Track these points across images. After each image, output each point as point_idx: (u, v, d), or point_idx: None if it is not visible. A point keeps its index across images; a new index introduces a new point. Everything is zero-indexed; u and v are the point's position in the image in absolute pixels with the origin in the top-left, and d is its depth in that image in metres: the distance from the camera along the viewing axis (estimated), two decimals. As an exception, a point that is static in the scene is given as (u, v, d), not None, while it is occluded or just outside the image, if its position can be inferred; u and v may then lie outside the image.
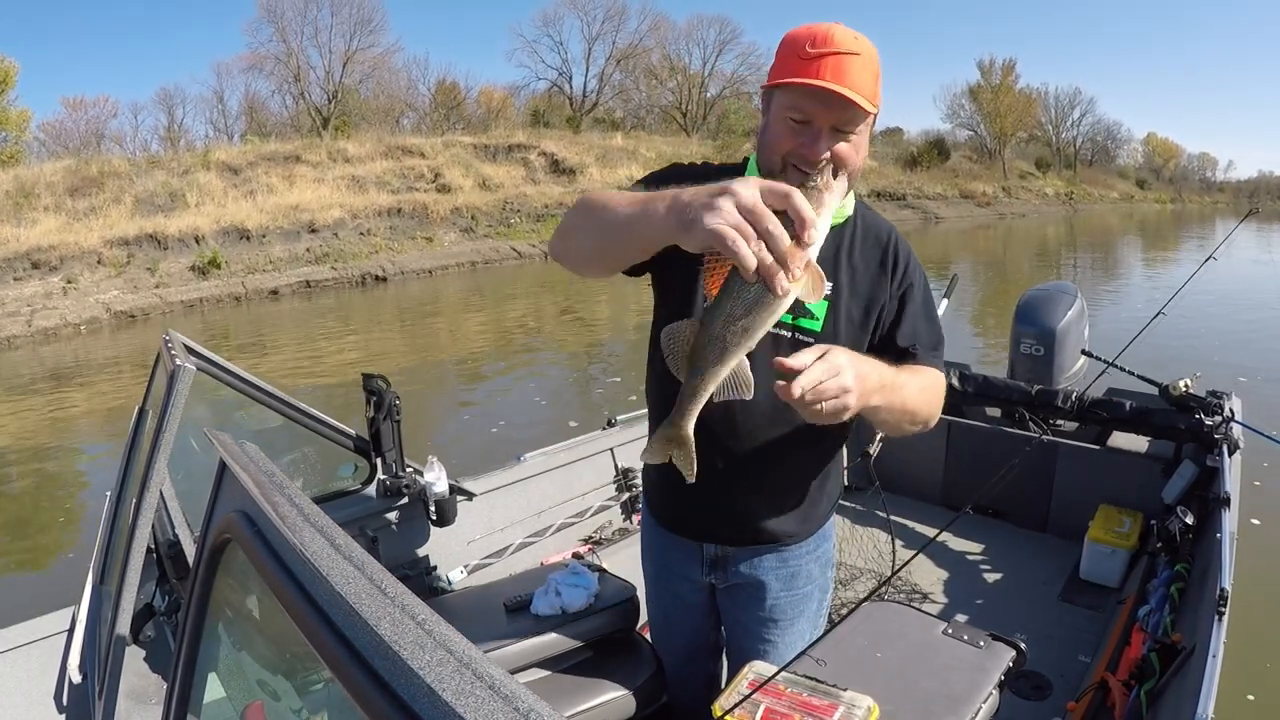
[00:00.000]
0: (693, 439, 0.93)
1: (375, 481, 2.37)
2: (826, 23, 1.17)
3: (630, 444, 3.01)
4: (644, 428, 2.87)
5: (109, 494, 2.16)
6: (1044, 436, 2.94)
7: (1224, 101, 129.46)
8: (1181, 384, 2.71)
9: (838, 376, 0.95)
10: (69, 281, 14.28)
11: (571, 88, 39.40)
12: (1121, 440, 2.95)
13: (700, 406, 0.88)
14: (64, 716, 1.81)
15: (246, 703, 1.00)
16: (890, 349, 1.30)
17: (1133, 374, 2.94)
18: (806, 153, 1.15)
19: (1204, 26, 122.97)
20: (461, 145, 25.66)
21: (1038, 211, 39.05)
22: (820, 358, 0.95)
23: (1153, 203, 53.74)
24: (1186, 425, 2.66)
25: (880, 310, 1.31)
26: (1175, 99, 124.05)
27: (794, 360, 0.93)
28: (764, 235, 0.75)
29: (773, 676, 1.41)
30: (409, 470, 2.39)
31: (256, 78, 33.67)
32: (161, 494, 1.60)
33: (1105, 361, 2.69)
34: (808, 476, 1.41)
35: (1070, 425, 3.09)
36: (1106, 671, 1.95)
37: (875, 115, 1.18)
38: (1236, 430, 2.58)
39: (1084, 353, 3.32)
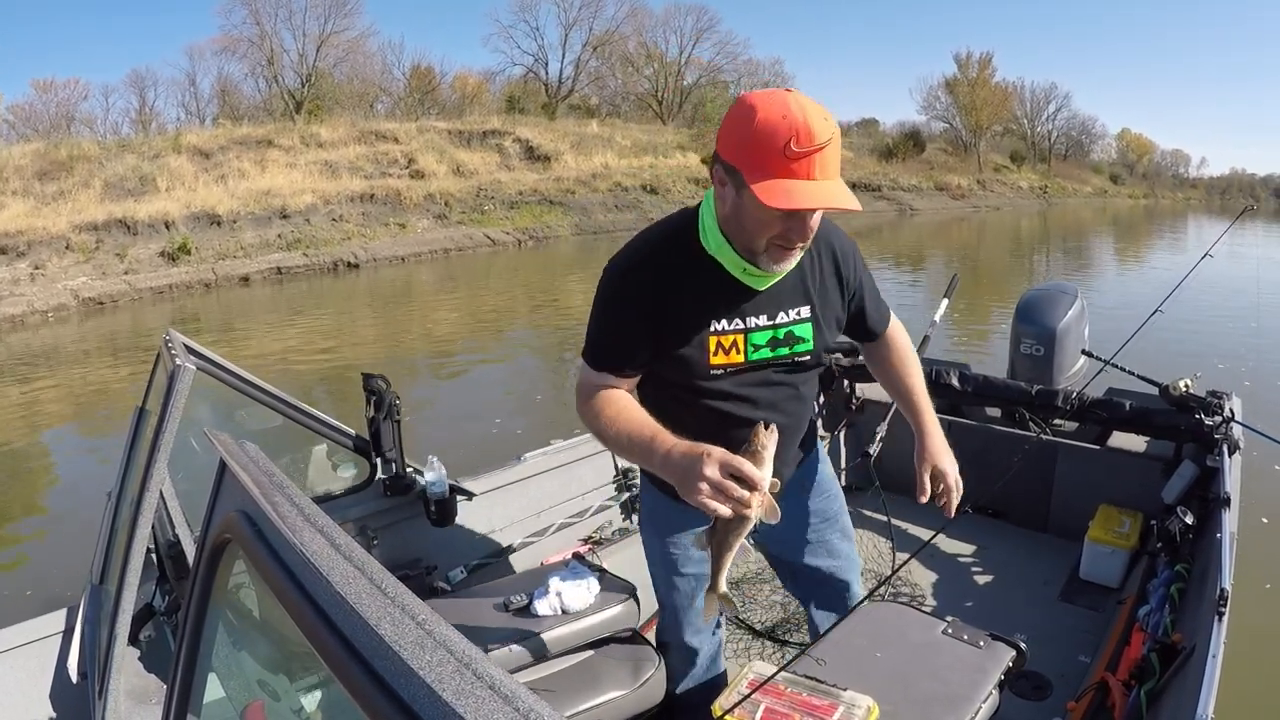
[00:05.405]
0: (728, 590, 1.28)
1: (375, 481, 2.37)
2: (795, 103, 1.17)
3: None
4: None
5: (108, 494, 2.16)
6: (1043, 436, 2.94)
7: (1197, 98, 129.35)
8: (1181, 384, 2.70)
9: (956, 472, 1.57)
10: (36, 267, 14.06)
11: (547, 74, 39.09)
12: (1121, 440, 2.95)
13: (725, 573, 1.24)
14: (63, 717, 1.81)
15: (246, 702, 1.00)
16: (868, 334, 1.64)
17: (1132, 374, 2.93)
18: (797, 237, 1.27)
19: (1180, 24, 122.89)
20: (436, 131, 25.44)
21: (1012, 205, 39.04)
22: (947, 482, 1.56)
23: (1126, 198, 53.49)
24: (1186, 425, 2.66)
25: (845, 308, 1.54)
26: (1149, 95, 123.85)
27: (954, 502, 1.56)
28: (730, 500, 1.10)
29: (772, 676, 1.41)
30: (409, 470, 2.39)
31: (229, 61, 33.20)
32: (161, 494, 1.60)
33: (1103, 361, 2.68)
34: (806, 419, 1.65)
35: (1070, 425, 3.09)
36: (1106, 671, 1.95)
37: None
38: (1237, 430, 2.58)
39: (1084, 353, 3.32)
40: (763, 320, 1.41)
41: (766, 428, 1.15)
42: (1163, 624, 1.97)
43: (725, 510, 1.11)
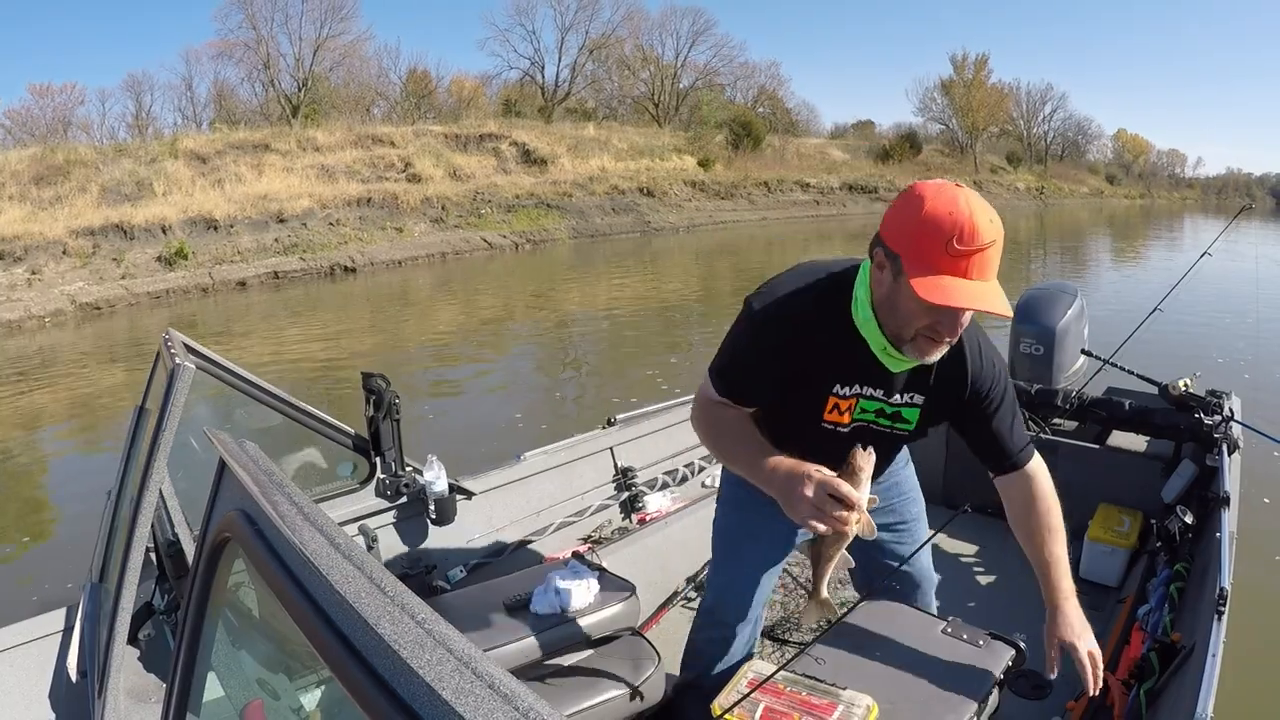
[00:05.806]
0: (829, 596, 1.38)
1: (375, 480, 2.37)
2: (965, 201, 1.20)
3: (630, 443, 3.01)
4: (644, 427, 3.09)
5: (108, 493, 2.16)
6: (1043, 435, 2.94)
7: (1193, 99, 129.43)
8: (1181, 383, 2.71)
9: (1089, 646, 1.49)
10: (33, 273, 13.98)
11: (544, 77, 38.95)
12: (1121, 439, 2.95)
13: (826, 581, 1.35)
14: (63, 716, 1.81)
15: (246, 701, 1.00)
16: (993, 462, 1.56)
17: (1132, 373, 2.93)
18: (946, 332, 1.29)
19: (1178, 24, 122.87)
20: (432, 134, 25.31)
21: (1009, 206, 38.95)
22: (1078, 657, 1.48)
23: (1122, 198, 53.40)
24: (1186, 425, 2.66)
25: (960, 413, 1.51)
26: (1145, 96, 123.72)
27: (1092, 681, 1.49)
28: (830, 519, 1.19)
29: (772, 675, 1.41)
30: (408, 469, 2.39)
31: (226, 65, 32.96)
32: (161, 493, 1.60)
33: (1103, 360, 2.68)
34: (896, 466, 1.77)
35: (1070, 424, 3.09)
36: (1106, 671, 1.95)
37: None
38: (1236, 430, 2.58)
39: (1084, 352, 3.32)
40: (879, 394, 1.46)
41: (864, 449, 1.24)
42: (1162, 623, 1.97)
43: (825, 530, 1.21)
